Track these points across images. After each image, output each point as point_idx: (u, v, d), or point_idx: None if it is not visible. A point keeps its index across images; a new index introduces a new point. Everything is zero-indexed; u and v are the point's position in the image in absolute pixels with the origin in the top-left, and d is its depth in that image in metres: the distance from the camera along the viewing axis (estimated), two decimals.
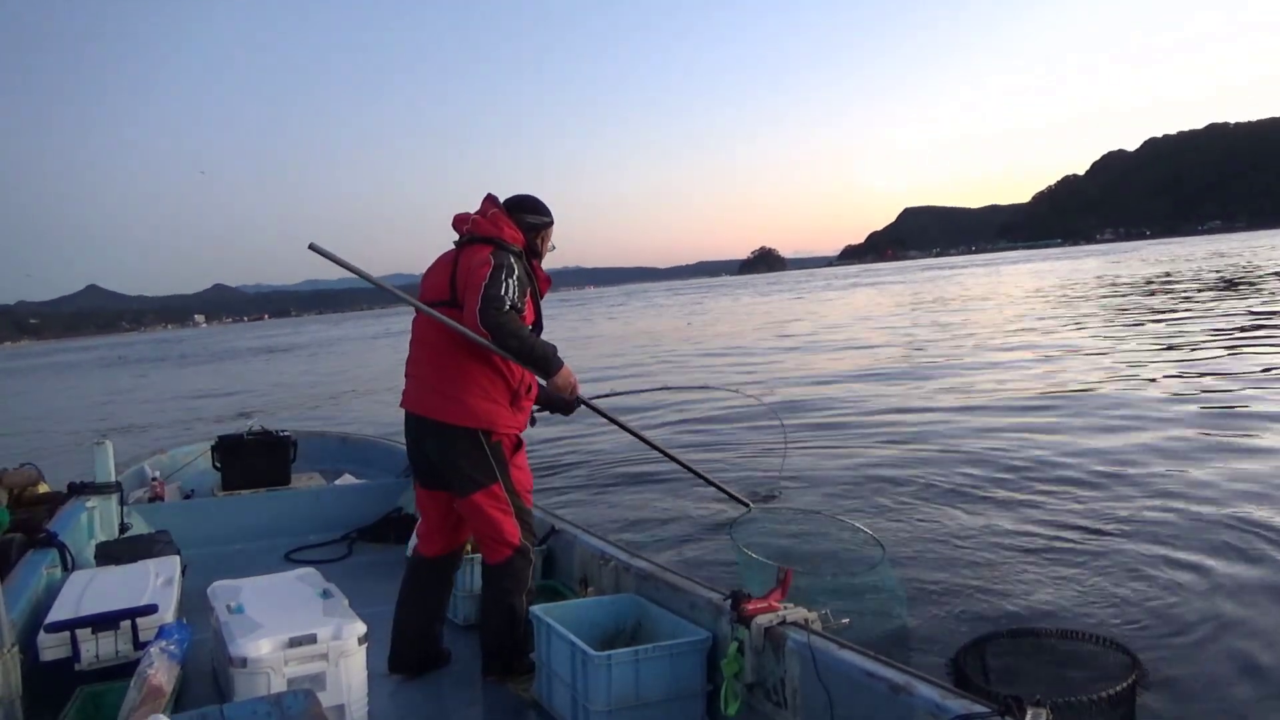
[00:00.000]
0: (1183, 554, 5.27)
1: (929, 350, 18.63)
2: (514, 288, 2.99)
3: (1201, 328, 17.78)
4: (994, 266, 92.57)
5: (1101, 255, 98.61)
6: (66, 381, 39.50)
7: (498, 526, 3.17)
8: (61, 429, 18.46)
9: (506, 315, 2.94)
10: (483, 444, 3.13)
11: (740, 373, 17.01)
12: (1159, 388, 11.27)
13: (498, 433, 3.16)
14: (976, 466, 8.04)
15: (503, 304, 2.93)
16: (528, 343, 3.01)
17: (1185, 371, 12.56)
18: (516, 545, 3.19)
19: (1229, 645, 4.05)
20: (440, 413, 3.15)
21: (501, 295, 2.94)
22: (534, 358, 3.05)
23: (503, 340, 2.97)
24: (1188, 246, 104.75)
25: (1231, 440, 8.16)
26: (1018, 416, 10.52)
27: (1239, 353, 14.22)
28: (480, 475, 3.14)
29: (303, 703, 1.98)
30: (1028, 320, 23.94)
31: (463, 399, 3.11)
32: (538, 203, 3.35)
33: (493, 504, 3.15)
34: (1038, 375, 13.61)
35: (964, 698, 2.06)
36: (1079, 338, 18.40)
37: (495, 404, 3.14)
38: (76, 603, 3.18)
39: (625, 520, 7.08)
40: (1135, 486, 6.90)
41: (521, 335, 2.99)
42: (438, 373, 3.17)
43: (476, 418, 3.11)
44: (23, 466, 4.98)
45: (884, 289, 59.75)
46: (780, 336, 25.86)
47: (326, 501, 5.65)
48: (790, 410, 11.59)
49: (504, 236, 3.15)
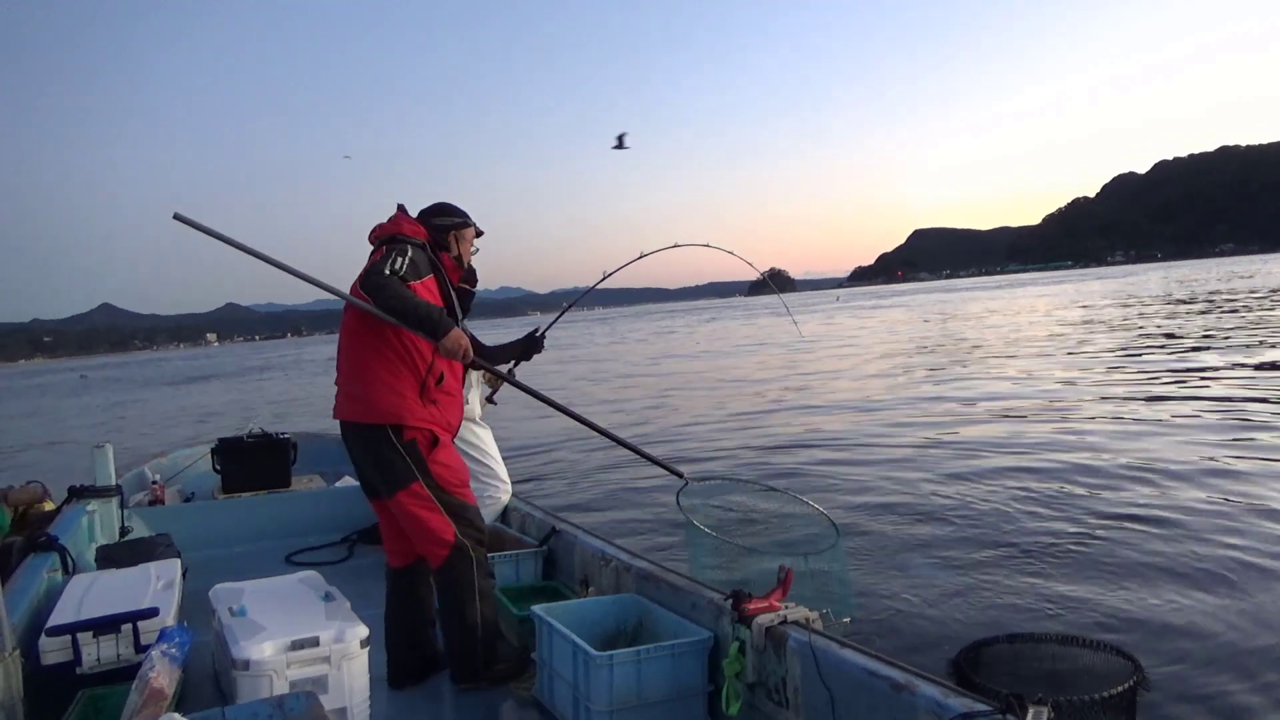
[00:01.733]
0: (1185, 558, 5.27)
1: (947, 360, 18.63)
2: (403, 264, 3.01)
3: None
4: (1043, 286, 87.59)
5: (1130, 277, 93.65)
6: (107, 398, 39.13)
7: (426, 525, 3.11)
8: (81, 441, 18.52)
9: (385, 278, 2.95)
10: (394, 442, 3.06)
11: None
12: (1170, 404, 11.28)
13: (409, 428, 3.08)
14: (977, 470, 8.05)
15: (382, 270, 2.95)
16: (409, 302, 2.96)
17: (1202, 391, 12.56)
18: (452, 542, 3.12)
19: (1231, 651, 4.05)
20: (350, 413, 3.14)
21: (384, 268, 2.97)
22: (418, 318, 2.99)
23: (383, 301, 2.95)
24: (1214, 268, 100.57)
25: (1237, 451, 8.16)
26: (1017, 423, 10.54)
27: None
28: (398, 475, 3.08)
29: (305, 705, 1.98)
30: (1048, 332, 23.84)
31: (367, 395, 3.08)
32: (446, 205, 3.42)
33: (416, 503, 3.09)
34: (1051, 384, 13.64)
35: (965, 696, 2.06)
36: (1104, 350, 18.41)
37: (400, 397, 3.07)
38: (78, 606, 3.17)
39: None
40: (1136, 491, 6.91)
41: (402, 295, 2.95)
42: (345, 374, 3.19)
43: (381, 413, 3.06)
44: (29, 484, 4.98)
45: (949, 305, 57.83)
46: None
47: (327, 503, 5.64)
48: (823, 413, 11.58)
49: (403, 231, 3.20)
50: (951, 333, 29.01)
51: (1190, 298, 38.09)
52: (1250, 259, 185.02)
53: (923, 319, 40.75)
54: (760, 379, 18.73)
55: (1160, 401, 11.12)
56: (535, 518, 4.51)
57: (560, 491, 8.53)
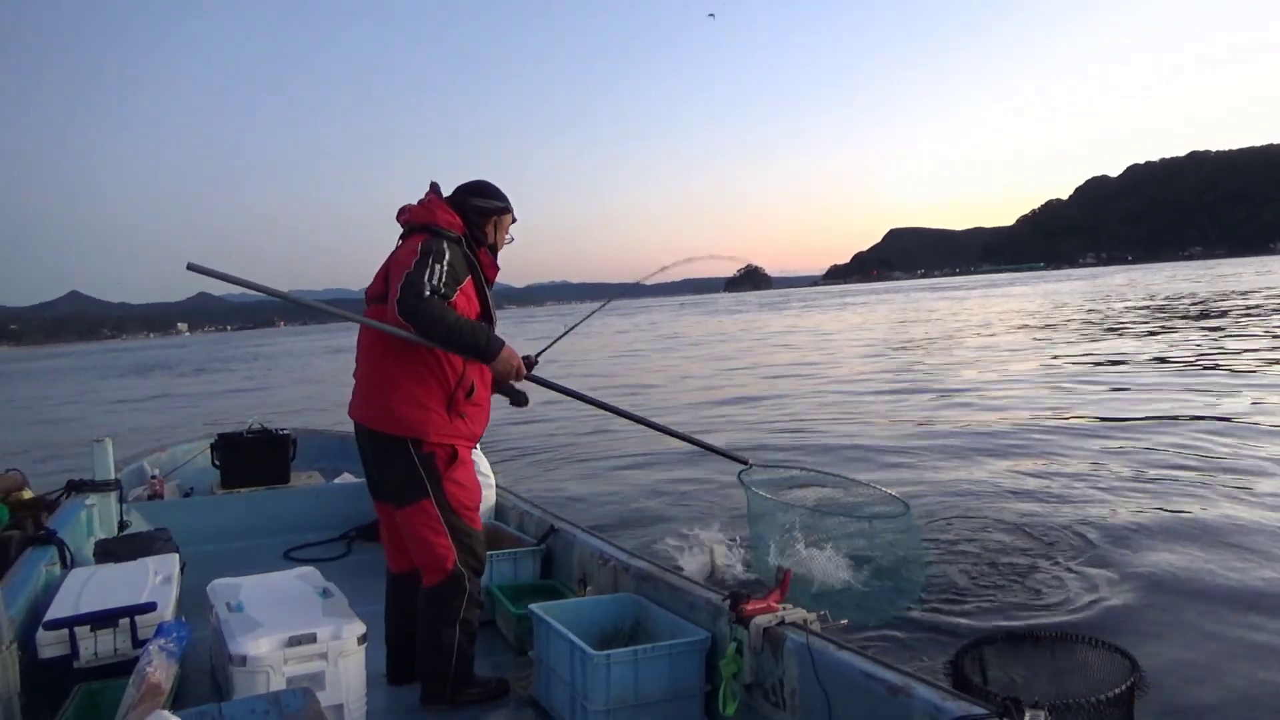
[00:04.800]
0: (1184, 558, 5.27)
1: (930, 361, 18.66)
2: (441, 273, 2.79)
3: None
4: (1032, 285, 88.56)
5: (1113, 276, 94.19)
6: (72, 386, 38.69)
7: (428, 546, 2.97)
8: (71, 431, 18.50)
9: (426, 302, 2.74)
10: (411, 455, 2.92)
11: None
12: (1175, 398, 11.28)
13: (429, 443, 2.93)
14: (977, 472, 8.04)
15: (421, 290, 2.73)
16: (455, 328, 2.78)
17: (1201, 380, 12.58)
18: (449, 570, 2.99)
19: (1229, 650, 4.05)
20: (368, 419, 3.01)
21: (422, 281, 2.74)
22: (464, 344, 2.83)
23: (425, 329, 2.76)
24: (1197, 269, 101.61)
25: (1238, 450, 8.16)
26: (1017, 422, 10.54)
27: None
28: (409, 489, 2.95)
29: (301, 701, 1.98)
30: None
31: (390, 406, 2.92)
32: (488, 187, 3.12)
33: (422, 521, 2.96)
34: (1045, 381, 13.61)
35: (962, 699, 2.06)
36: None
37: (426, 410, 2.91)
38: (75, 600, 3.17)
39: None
40: (1135, 490, 6.91)
41: (447, 321, 2.77)
42: (369, 379, 3.02)
43: (404, 426, 2.91)
44: (7, 472, 4.96)
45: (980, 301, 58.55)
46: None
47: (326, 500, 5.64)
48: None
49: (438, 222, 2.96)
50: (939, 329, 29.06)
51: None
52: (1216, 262, 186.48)
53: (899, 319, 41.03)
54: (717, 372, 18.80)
55: (1156, 398, 11.12)
56: (534, 516, 4.51)
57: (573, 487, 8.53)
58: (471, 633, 3.11)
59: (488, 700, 3.14)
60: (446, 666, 3.05)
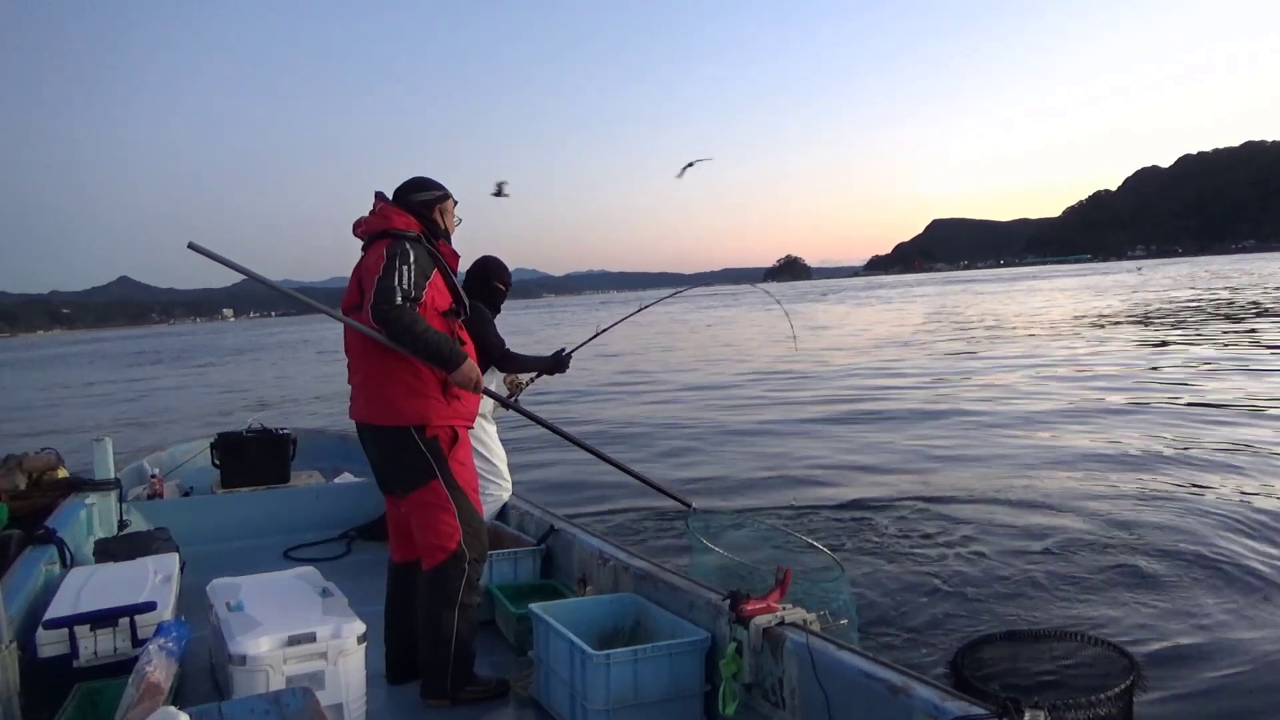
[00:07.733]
0: (1181, 558, 5.27)
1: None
2: (409, 275, 2.94)
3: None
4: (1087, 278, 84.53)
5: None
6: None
7: (435, 525, 3.08)
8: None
9: (397, 310, 2.90)
10: (417, 441, 3.05)
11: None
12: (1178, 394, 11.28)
13: (432, 426, 3.07)
14: (977, 471, 8.04)
15: (393, 296, 2.89)
16: (422, 338, 2.94)
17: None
18: (452, 549, 3.08)
19: (1226, 648, 4.05)
20: (371, 415, 3.12)
21: (393, 286, 2.90)
22: (430, 354, 2.98)
23: (395, 336, 2.94)
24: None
25: (1234, 449, 8.17)
26: (1018, 419, 10.54)
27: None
28: (417, 473, 3.07)
29: (301, 701, 1.98)
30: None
31: (389, 398, 3.06)
32: (423, 180, 3.30)
33: (431, 500, 3.07)
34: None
35: (962, 699, 2.06)
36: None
37: (425, 397, 3.06)
38: (75, 599, 3.17)
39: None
40: (1134, 490, 6.91)
41: (415, 330, 2.93)
42: (364, 377, 3.15)
43: (406, 416, 3.05)
44: (43, 451, 5.01)
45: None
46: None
47: (326, 500, 5.64)
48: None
49: (395, 225, 3.10)
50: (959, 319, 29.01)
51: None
52: (1272, 256, 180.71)
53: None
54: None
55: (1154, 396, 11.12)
56: (534, 516, 4.51)
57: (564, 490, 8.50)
58: (472, 623, 3.16)
59: (488, 700, 3.16)
60: (446, 657, 3.09)
